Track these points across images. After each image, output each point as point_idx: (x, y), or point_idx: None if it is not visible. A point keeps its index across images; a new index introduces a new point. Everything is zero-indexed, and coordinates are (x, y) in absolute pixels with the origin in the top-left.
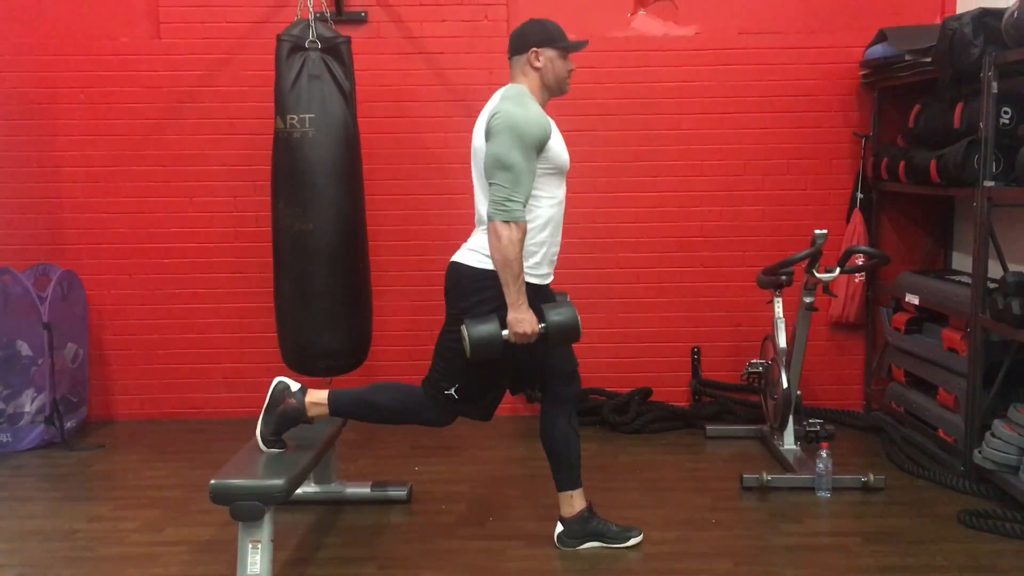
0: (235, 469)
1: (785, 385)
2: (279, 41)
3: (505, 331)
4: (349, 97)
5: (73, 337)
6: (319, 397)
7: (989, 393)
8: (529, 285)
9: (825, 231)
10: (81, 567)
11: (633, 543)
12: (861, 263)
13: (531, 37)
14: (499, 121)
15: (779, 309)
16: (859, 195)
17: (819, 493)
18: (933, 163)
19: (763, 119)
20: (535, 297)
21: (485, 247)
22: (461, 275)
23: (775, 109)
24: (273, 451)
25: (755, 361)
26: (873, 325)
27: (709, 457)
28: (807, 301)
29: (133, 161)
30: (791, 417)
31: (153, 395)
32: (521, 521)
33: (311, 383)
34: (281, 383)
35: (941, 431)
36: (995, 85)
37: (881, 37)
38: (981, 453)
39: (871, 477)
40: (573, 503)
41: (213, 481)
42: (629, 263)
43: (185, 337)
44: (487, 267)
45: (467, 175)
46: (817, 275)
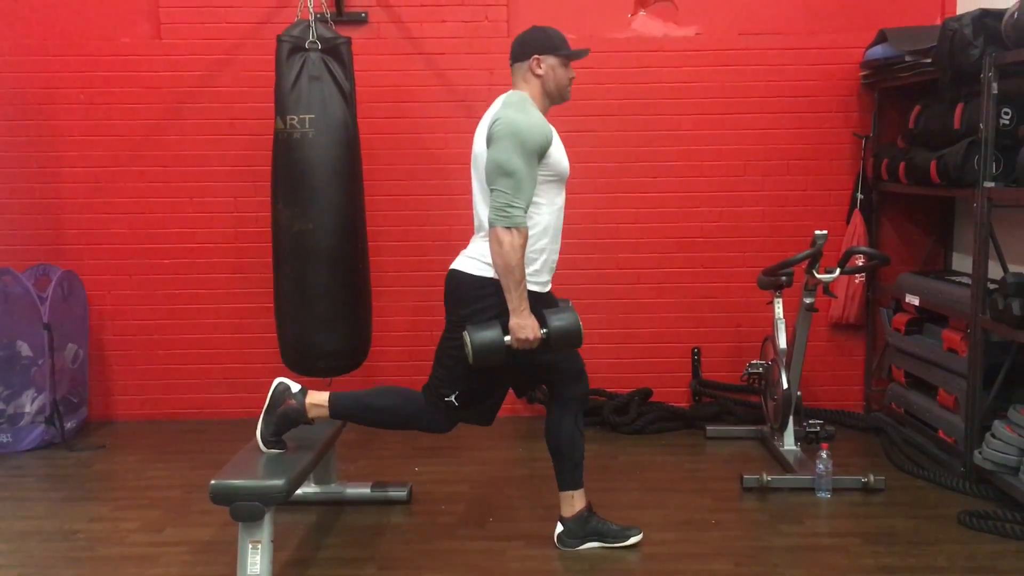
0: (235, 469)
1: (785, 386)
2: (279, 42)
3: (507, 337)
4: (349, 98)
5: (73, 337)
6: (319, 399)
7: (989, 394)
8: (530, 293)
9: (825, 232)
10: (81, 567)
11: (633, 542)
12: (861, 264)
13: (533, 44)
14: (501, 127)
15: (779, 310)
16: (859, 196)
17: (819, 494)
18: (933, 164)
19: (763, 120)
20: (536, 304)
21: (484, 254)
22: (460, 282)
23: (775, 110)
24: (273, 452)
25: (755, 362)
26: (873, 326)
27: (709, 458)
28: (807, 302)
29: (133, 161)
30: (791, 418)
31: (153, 395)
32: (521, 521)
33: (311, 383)
34: (281, 384)
35: (941, 432)
36: (995, 86)
37: (881, 38)
38: (981, 454)
39: (871, 478)
40: (574, 503)
41: (213, 481)
42: (629, 264)
43: (185, 337)
44: (486, 274)
45: (467, 175)
46: (817, 276)
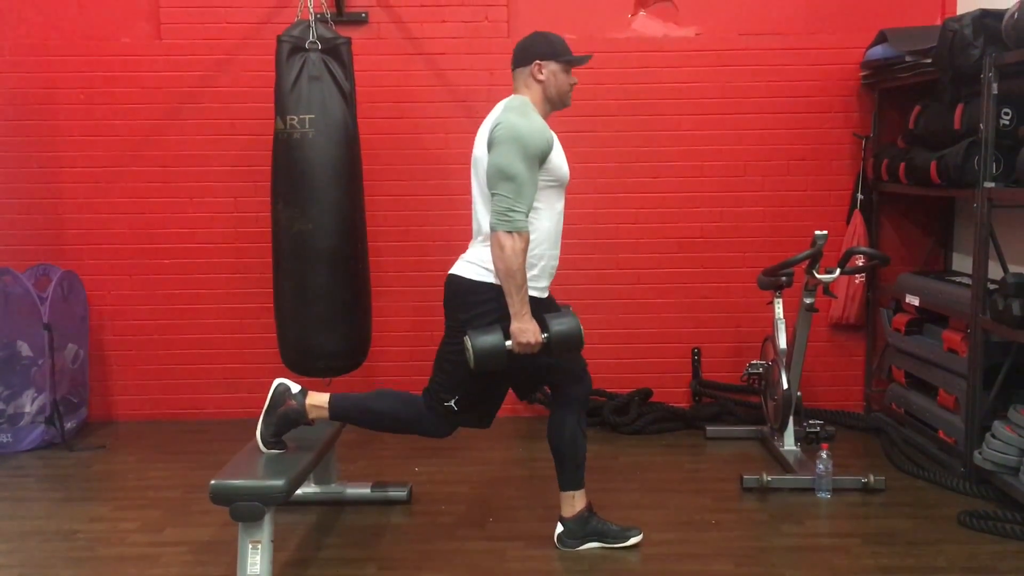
0: (235, 470)
1: (785, 386)
2: (279, 42)
3: (508, 342)
4: (349, 98)
5: (73, 337)
6: (320, 400)
7: (989, 394)
8: (529, 298)
9: (825, 232)
10: (81, 567)
11: (633, 542)
12: (861, 264)
13: (534, 50)
14: (502, 131)
15: (779, 310)
16: (859, 196)
17: (819, 494)
18: (933, 164)
19: (763, 120)
20: (536, 309)
21: (483, 259)
22: (460, 288)
23: (775, 110)
24: (273, 452)
25: (755, 362)
26: (873, 326)
27: (709, 458)
28: (807, 302)
29: (133, 161)
30: (791, 418)
31: (153, 395)
32: (521, 522)
33: (310, 384)
34: (282, 385)
35: (941, 432)
36: (995, 86)
37: (881, 38)
38: (981, 454)
39: (871, 478)
40: (574, 503)
41: (213, 481)
42: (629, 264)
43: (185, 337)
44: (486, 279)
45: (467, 175)
46: (817, 276)
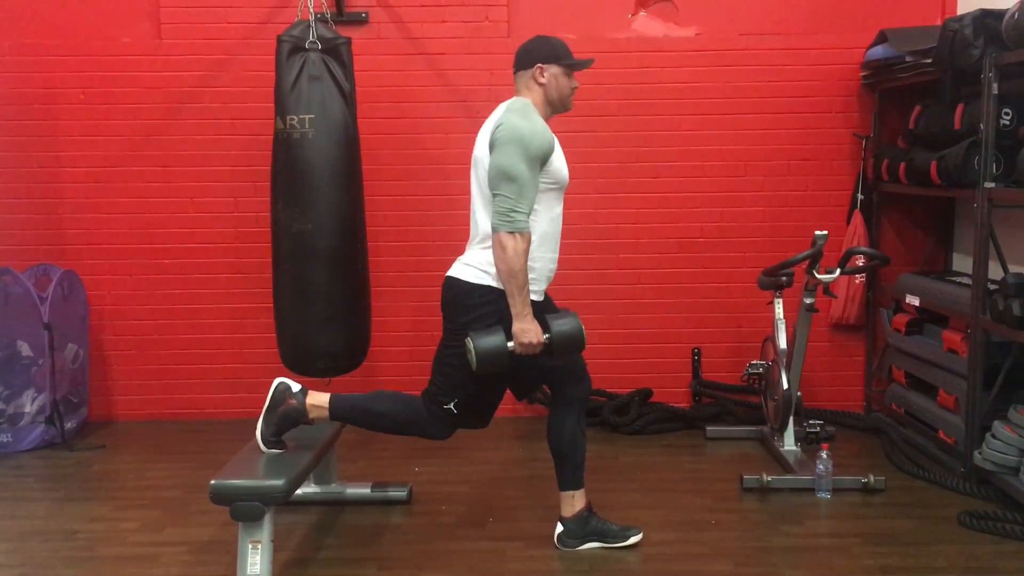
0: (235, 469)
1: (785, 386)
2: (279, 42)
3: (510, 342)
4: (349, 98)
5: (73, 337)
6: (320, 400)
7: (989, 394)
8: None
9: (825, 232)
10: (81, 567)
11: (633, 542)
12: (861, 264)
13: (536, 53)
14: (504, 132)
15: (779, 310)
16: (859, 196)
17: (819, 494)
18: (933, 164)
19: (763, 120)
20: (534, 311)
21: (481, 261)
22: (458, 290)
23: (776, 110)
24: (273, 452)
25: (755, 362)
26: (873, 326)
27: (709, 458)
28: (807, 302)
29: (134, 161)
30: (791, 418)
31: (153, 395)
32: (521, 522)
33: (310, 384)
34: (282, 384)
35: (941, 432)
36: (996, 86)
37: (882, 38)
38: (981, 454)
39: (871, 478)
40: (574, 503)
41: (213, 481)
42: (629, 264)
43: (185, 337)
44: (484, 282)
45: (467, 176)
46: (817, 276)
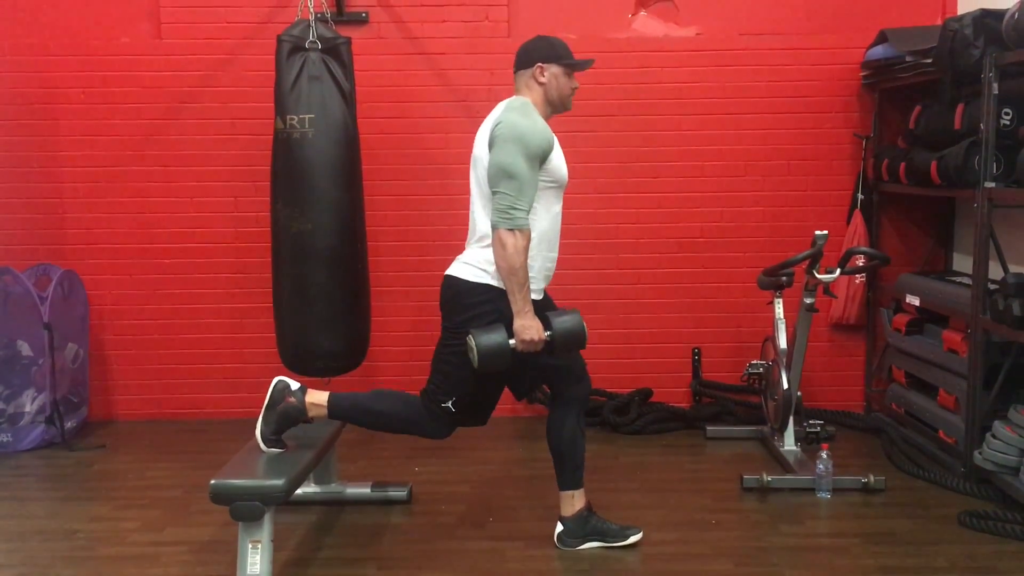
0: (235, 469)
1: (785, 386)
2: (279, 42)
3: (512, 340)
4: (349, 98)
5: (73, 337)
6: (319, 398)
7: (989, 394)
8: None
9: (825, 232)
10: (81, 567)
11: (633, 541)
12: (861, 264)
13: (537, 52)
14: (504, 130)
15: (779, 310)
16: (860, 196)
17: (819, 494)
18: (934, 164)
19: (763, 120)
20: (536, 310)
21: (480, 260)
22: (457, 289)
23: (776, 110)
24: (273, 451)
25: (755, 362)
26: (873, 326)
27: (709, 458)
28: (807, 302)
29: (134, 161)
30: (791, 418)
31: (153, 395)
32: (521, 522)
33: (310, 383)
34: (281, 382)
35: (941, 432)
36: (996, 86)
37: (882, 38)
38: (981, 454)
39: (871, 478)
40: (574, 502)
41: (213, 481)
42: (629, 263)
43: (185, 337)
44: (483, 281)
45: (467, 175)
46: (818, 276)
